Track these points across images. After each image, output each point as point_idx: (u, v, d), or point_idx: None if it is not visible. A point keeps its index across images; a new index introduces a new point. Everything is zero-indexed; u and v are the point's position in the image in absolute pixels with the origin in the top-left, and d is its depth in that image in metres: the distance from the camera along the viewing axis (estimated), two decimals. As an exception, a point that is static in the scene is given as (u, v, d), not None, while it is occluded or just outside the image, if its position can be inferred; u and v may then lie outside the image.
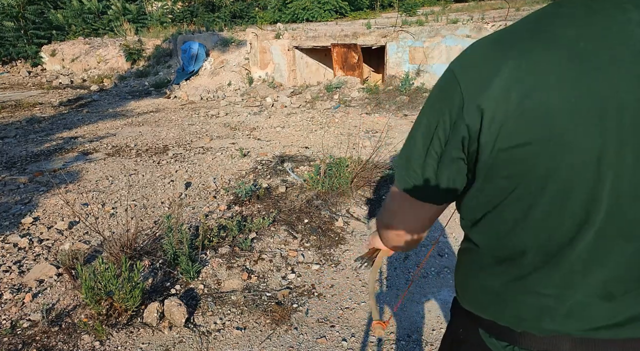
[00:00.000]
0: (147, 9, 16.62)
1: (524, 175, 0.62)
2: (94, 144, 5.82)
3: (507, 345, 0.76)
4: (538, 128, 0.58)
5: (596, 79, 0.55)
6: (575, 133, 0.57)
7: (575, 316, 0.69)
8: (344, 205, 3.71)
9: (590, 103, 0.55)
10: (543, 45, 0.58)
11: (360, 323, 2.34)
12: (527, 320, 0.73)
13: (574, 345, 0.69)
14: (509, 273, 0.73)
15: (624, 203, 0.60)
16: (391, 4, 16.62)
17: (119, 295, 2.27)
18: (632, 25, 0.54)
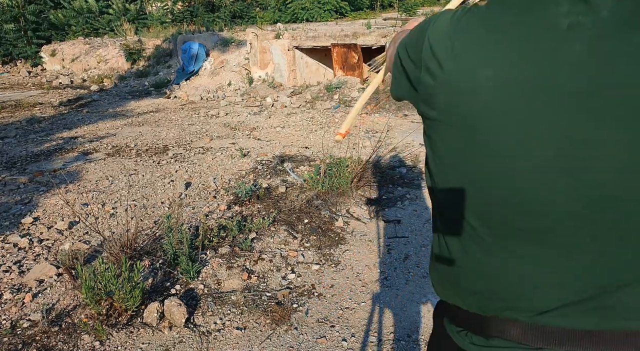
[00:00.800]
0: (147, 9, 16.62)
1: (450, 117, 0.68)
2: (94, 144, 5.82)
3: (461, 330, 0.78)
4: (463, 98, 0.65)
5: (520, 62, 0.61)
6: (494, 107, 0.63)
7: (523, 301, 0.69)
8: (344, 205, 3.71)
9: (512, 83, 0.62)
10: (482, 27, 0.66)
11: (360, 323, 2.34)
12: (477, 301, 0.74)
13: (522, 332, 0.69)
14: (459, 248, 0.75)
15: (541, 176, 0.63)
16: (391, 4, 16.62)
17: (119, 295, 2.27)
18: (559, 16, 0.59)
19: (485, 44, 0.64)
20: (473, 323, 0.76)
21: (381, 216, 3.53)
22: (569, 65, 0.58)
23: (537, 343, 0.68)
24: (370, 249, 3.07)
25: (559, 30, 0.59)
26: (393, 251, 3.04)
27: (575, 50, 0.58)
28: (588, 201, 0.61)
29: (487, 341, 0.73)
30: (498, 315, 0.72)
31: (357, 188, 3.95)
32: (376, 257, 2.98)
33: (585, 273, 0.65)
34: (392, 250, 3.06)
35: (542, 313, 0.68)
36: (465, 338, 0.77)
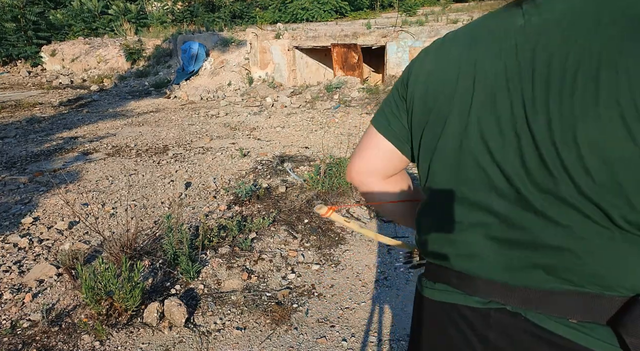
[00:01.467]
0: (147, 9, 16.62)
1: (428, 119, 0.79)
2: (94, 144, 5.82)
3: (422, 278, 0.90)
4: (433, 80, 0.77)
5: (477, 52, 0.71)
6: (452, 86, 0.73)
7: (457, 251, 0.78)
8: (344, 205, 3.71)
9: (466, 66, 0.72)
10: (455, 36, 0.78)
11: (360, 323, 2.34)
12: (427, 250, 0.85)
13: (458, 281, 0.79)
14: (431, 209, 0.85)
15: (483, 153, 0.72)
16: (391, 4, 16.61)
17: (119, 295, 2.27)
18: (518, 17, 0.68)
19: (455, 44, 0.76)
20: (429, 271, 0.88)
21: (381, 216, 3.53)
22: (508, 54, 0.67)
23: (469, 291, 0.77)
24: (370, 249, 3.07)
25: (514, 28, 0.68)
26: (393, 251, 3.04)
27: (517, 42, 0.66)
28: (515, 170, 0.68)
29: (433, 285, 0.85)
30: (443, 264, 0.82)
31: (357, 188, 3.95)
32: (376, 257, 2.98)
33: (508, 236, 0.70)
34: (392, 250, 3.06)
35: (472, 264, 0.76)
36: (421, 283, 0.90)
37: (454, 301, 0.79)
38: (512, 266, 0.70)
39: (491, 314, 0.73)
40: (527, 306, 0.69)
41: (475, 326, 0.76)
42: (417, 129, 0.81)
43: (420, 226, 0.89)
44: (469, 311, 0.77)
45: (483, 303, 0.75)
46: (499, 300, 0.72)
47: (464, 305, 0.77)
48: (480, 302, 0.75)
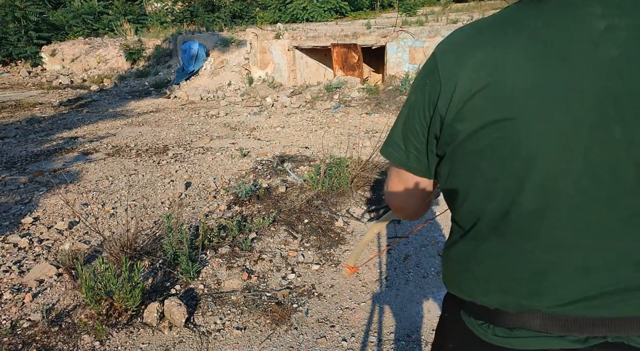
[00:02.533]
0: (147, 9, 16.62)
1: (485, 151, 0.67)
2: (94, 144, 5.82)
3: (483, 323, 0.78)
4: (500, 106, 0.64)
5: (555, 64, 0.61)
6: (532, 111, 0.63)
7: (542, 292, 0.71)
8: (344, 205, 3.71)
9: (549, 85, 0.62)
10: (512, 33, 0.65)
11: (360, 323, 2.34)
12: (498, 298, 0.75)
13: (544, 322, 0.71)
14: (477, 250, 0.76)
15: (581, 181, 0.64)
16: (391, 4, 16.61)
17: (119, 295, 2.27)
18: (593, 18, 0.60)
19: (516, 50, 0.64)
20: (494, 316, 0.76)
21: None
22: (605, 67, 0.59)
23: (558, 332, 0.70)
24: (370, 249, 3.07)
25: (595, 32, 0.59)
26: (393, 251, 3.04)
27: (612, 53, 0.59)
28: (615, 202, 0.63)
29: (510, 333, 0.74)
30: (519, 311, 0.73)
31: (357, 188, 3.95)
32: (376, 257, 2.98)
33: (606, 270, 0.67)
34: (392, 250, 3.06)
35: (563, 305, 0.70)
36: (487, 330, 0.77)
37: (546, 346, 0.71)
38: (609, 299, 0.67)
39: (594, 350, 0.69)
40: (628, 333, 0.67)
41: None
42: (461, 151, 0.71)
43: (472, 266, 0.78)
44: None
45: (581, 341, 0.69)
46: (599, 333, 0.68)
47: (560, 348, 0.71)
48: (578, 341, 0.69)
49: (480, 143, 0.67)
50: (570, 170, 0.63)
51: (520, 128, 0.64)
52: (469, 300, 0.80)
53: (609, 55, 0.59)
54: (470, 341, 0.80)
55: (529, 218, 0.68)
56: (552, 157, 0.63)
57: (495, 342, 0.76)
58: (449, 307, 0.91)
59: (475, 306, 0.79)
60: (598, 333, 0.68)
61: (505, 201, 0.69)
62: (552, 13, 0.63)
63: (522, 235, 0.70)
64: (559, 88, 0.61)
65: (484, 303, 0.77)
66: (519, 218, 0.69)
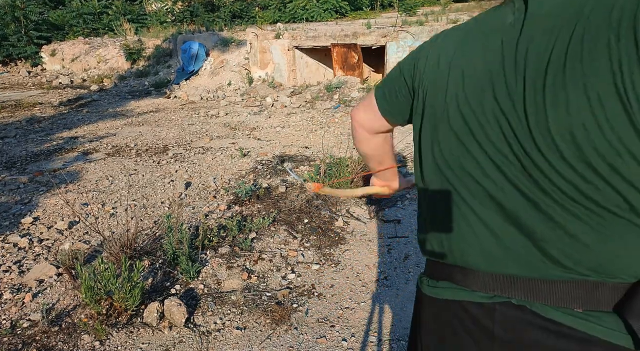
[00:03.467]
0: (147, 8, 16.62)
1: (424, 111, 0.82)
2: (94, 144, 5.82)
3: (423, 276, 0.91)
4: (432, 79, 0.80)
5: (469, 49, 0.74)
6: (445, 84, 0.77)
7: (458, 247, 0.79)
8: (344, 205, 3.71)
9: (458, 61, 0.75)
10: (457, 29, 0.80)
11: (360, 323, 2.34)
12: (429, 249, 0.86)
13: (462, 277, 0.79)
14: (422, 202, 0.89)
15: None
16: (391, 4, 16.61)
17: (119, 294, 2.27)
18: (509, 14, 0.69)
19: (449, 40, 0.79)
20: (430, 270, 0.89)
21: (381, 216, 3.53)
22: (493, 49, 0.69)
23: (473, 287, 0.77)
24: (370, 249, 3.07)
25: (504, 24, 0.69)
26: (393, 251, 3.04)
27: (501, 37, 0.69)
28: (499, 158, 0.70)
29: (436, 283, 0.86)
30: (444, 262, 0.83)
31: (357, 188, 3.94)
32: (376, 257, 2.98)
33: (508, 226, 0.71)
34: (392, 250, 3.06)
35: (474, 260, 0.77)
36: (423, 282, 0.90)
37: (458, 298, 0.79)
38: (516, 258, 0.71)
39: (496, 308, 0.74)
40: (532, 298, 0.69)
41: (480, 321, 0.76)
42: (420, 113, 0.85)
43: (420, 223, 0.90)
44: (473, 306, 0.77)
45: (488, 297, 0.75)
46: (504, 293, 0.72)
47: (469, 301, 0.77)
48: (484, 297, 0.75)
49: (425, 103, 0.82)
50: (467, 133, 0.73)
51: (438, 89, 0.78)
52: (423, 255, 0.92)
53: (501, 40, 0.68)
54: (417, 294, 0.94)
55: (439, 172, 0.80)
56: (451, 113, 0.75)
57: (425, 292, 0.88)
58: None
59: (426, 264, 0.91)
60: (503, 293, 0.73)
61: (429, 154, 0.83)
62: (488, 13, 0.74)
63: (436, 192, 0.81)
64: (461, 64, 0.74)
65: (423, 254, 0.89)
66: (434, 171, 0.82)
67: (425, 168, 0.85)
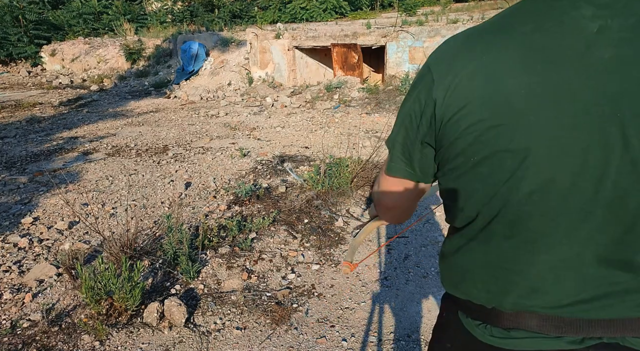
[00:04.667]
0: (147, 8, 16.62)
1: (481, 153, 0.68)
2: (94, 144, 5.82)
3: (480, 323, 0.79)
4: (495, 112, 0.65)
5: (546, 68, 0.62)
6: (525, 115, 0.63)
7: (539, 292, 0.71)
8: (344, 205, 3.71)
9: (540, 90, 0.62)
10: (503, 40, 0.65)
11: (360, 323, 2.34)
12: (495, 296, 0.75)
13: (540, 322, 0.71)
14: (475, 249, 0.77)
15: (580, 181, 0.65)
16: (391, 4, 16.61)
17: (119, 294, 2.27)
18: (583, 20, 0.60)
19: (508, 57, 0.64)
20: (491, 317, 0.77)
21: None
22: (599, 68, 0.59)
23: (555, 333, 0.70)
24: (370, 249, 3.07)
25: (587, 34, 0.59)
26: (393, 251, 3.04)
27: (606, 54, 0.59)
28: (612, 204, 0.63)
29: (507, 333, 0.75)
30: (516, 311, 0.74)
31: (357, 188, 3.95)
32: (376, 256, 2.98)
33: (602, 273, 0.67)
34: (392, 250, 3.06)
35: (559, 307, 0.70)
36: (484, 330, 0.78)
37: (543, 348, 0.72)
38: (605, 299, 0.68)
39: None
40: (622, 333, 0.68)
41: None
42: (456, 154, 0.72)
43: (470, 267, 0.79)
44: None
45: (577, 342, 0.70)
46: (594, 334, 0.69)
47: (556, 349, 0.71)
48: (574, 342, 0.70)
49: (478, 149, 0.68)
50: (565, 172, 0.64)
51: (514, 133, 0.64)
52: (466, 299, 0.80)
53: (602, 56, 0.59)
54: (468, 342, 0.81)
55: (520, 221, 0.69)
56: (546, 160, 0.64)
57: (492, 343, 0.76)
58: (447, 307, 0.91)
59: (472, 306, 0.79)
60: (594, 334, 0.69)
61: (500, 204, 0.70)
62: (540, 17, 0.63)
63: (517, 236, 0.71)
64: (549, 92, 0.61)
65: (480, 302, 0.77)
66: (511, 220, 0.70)
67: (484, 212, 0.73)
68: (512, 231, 0.71)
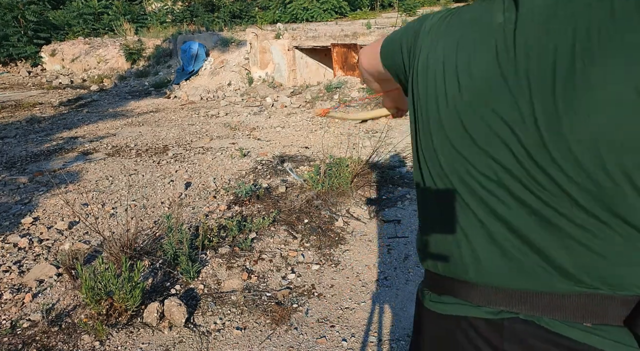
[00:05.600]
0: (147, 9, 16.62)
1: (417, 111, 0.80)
2: (94, 144, 5.82)
3: (424, 289, 0.87)
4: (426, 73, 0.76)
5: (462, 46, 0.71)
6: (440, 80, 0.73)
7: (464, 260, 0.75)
8: (344, 205, 3.71)
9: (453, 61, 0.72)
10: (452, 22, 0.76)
11: (360, 323, 2.34)
12: (433, 262, 0.83)
13: (466, 291, 0.76)
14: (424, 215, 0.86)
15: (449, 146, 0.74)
16: (391, 4, 16.61)
17: (119, 295, 2.27)
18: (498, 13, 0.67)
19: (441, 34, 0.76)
20: (431, 283, 0.85)
21: (381, 216, 3.53)
22: (487, 53, 0.67)
23: (477, 302, 0.74)
24: (370, 249, 3.07)
25: (493, 25, 0.67)
26: (393, 251, 3.04)
27: (495, 41, 0.66)
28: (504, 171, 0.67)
29: (439, 298, 0.82)
30: (445, 274, 0.80)
31: (357, 188, 3.95)
32: (376, 257, 2.98)
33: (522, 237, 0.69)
34: (392, 250, 3.06)
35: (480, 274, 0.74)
36: (426, 296, 0.86)
37: (463, 314, 0.76)
38: (523, 272, 0.69)
39: (504, 324, 0.71)
40: (540, 312, 0.68)
41: (488, 338, 0.73)
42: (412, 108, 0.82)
43: (420, 230, 0.87)
44: (481, 323, 0.74)
45: (494, 313, 0.72)
46: (511, 308, 0.70)
47: (476, 317, 0.75)
48: (491, 313, 0.73)
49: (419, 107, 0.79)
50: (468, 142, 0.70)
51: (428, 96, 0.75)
52: (425, 268, 0.87)
53: (494, 44, 0.66)
54: (419, 310, 0.90)
55: (445, 186, 0.76)
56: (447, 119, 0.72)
57: (429, 306, 0.84)
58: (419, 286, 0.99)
59: (426, 274, 0.87)
60: (510, 308, 0.71)
61: (431, 163, 0.79)
62: (478, 9, 0.72)
63: (439, 201, 0.78)
64: (457, 64, 0.71)
65: (424, 267, 0.85)
66: (440, 185, 0.78)
67: (425, 172, 0.81)
68: (441, 198, 0.77)
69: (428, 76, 0.75)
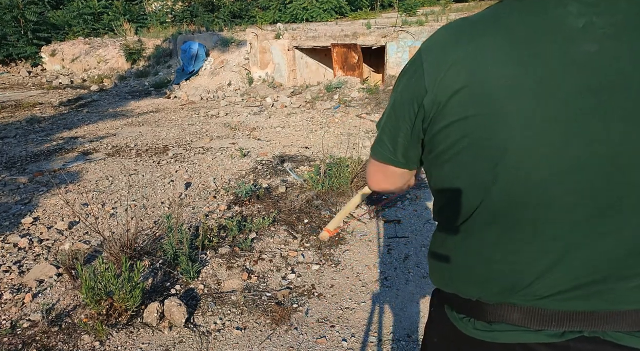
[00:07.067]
0: (147, 9, 16.62)
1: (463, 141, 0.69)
2: (94, 144, 5.82)
3: (464, 317, 0.80)
4: (478, 102, 0.66)
5: (529, 60, 0.63)
6: (507, 104, 0.64)
7: (519, 285, 0.72)
8: (344, 205, 3.71)
9: (523, 80, 0.63)
10: (491, 32, 0.66)
11: (360, 323, 2.34)
12: (478, 289, 0.77)
13: (522, 316, 0.72)
14: (459, 242, 0.78)
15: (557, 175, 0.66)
16: (391, 4, 16.61)
17: (119, 295, 2.27)
18: (569, 16, 0.61)
19: (493, 48, 0.65)
20: (474, 310, 0.78)
21: (381, 216, 3.53)
22: (583, 63, 0.60)
23: (536, 326, 0.71)
24: (370, 249, 3.07)
25: (572, 29, 0.61)
26: (393, 251, 3.04)
27: (591, 49, 0.60)
28: (593, 195, 0.64)
29: (489, 326, 0.76)
30: (501, 301, 0.75)
31: (357, 188, 3.95)
32: (376, 257, 2.98)
33: (582, 263, 0.67)
34: (392, 250, 3.06)
35: (540, 298, 0.71)
36: (468, 324, 0.79)
37: (522, 340, 0.72)
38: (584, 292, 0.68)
39: (570, 345, 0.70)
40: (604, 327, 0.67)
41: None
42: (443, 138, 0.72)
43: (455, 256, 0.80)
44: (542, 348, 0.71)
45: (557, 336, 0.70)
46: (574, 327, 0.69)
47: (537, 343, 0.71)
48: (554, 335, 0.70)
49: (461, 138, 0.69)
50: (545, 163, 0.64)
51: (494, 123, 0.65)
52: (451, 292, 0.82)
53: (587, 51, 0.60)
54: (453, 335, 0.82)
55: (501, 211, 0.70)
56: (525, 151, 0.64)
57: (475, 335, 0.78)
58: (434, 302, 0.93)
59: (457, 300, 0.81)
60: (574, 327, 0.69)
61: (482, 195, 0.71)
62: (526, 12, 0.65)
63: (499, 228, 0.72)
64: (530, 84, 0.62)
65: (466, 295, 0.79)
66: (493, 211, 0.71)
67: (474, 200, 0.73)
68: (493, 223, 0.72)
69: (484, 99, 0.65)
